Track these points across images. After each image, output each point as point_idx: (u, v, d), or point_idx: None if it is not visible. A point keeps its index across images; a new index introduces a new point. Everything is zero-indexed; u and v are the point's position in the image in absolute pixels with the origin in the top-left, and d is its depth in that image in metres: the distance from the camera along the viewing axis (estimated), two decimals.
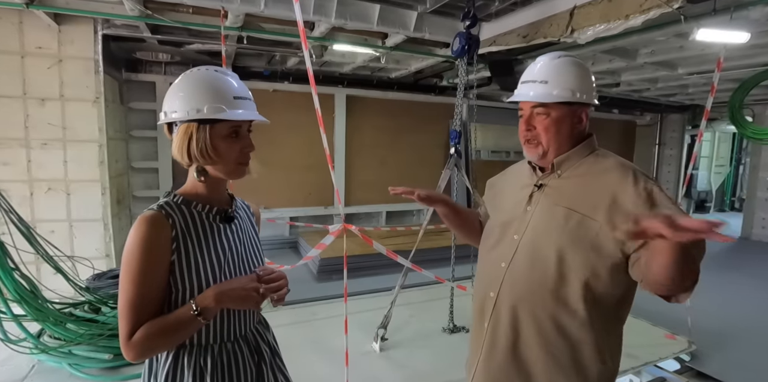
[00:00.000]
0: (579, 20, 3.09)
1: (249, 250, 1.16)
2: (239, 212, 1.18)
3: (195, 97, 1.01)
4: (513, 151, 7.80)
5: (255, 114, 1.07)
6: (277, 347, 1.25)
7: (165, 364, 1.04)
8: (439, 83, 6.81)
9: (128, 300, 0.96)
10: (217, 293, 0.98)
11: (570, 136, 1.20)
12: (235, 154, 1.05)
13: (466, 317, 3.50)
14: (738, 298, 4.69)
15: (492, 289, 1.24)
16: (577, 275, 1.10)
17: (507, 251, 1.22)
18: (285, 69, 5.80)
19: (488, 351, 1.23)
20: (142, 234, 0.97)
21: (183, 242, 1.02)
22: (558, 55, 1.22)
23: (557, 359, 1.14)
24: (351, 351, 2.52)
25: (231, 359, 1.08)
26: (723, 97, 6.23)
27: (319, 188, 6.53)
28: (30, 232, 2.84)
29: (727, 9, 2.93)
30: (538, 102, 1.18)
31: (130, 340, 0.95)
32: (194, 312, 0.96)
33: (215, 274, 1.04)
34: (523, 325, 1.17)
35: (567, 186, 1.19)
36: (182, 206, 1.06)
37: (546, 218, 1.17)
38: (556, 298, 1.12)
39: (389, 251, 2.76)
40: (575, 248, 1.10)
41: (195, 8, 3.60)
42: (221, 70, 1.07)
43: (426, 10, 3.92)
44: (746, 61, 4.61)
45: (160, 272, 0.98)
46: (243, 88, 1.07)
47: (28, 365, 2.76)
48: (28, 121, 3.82)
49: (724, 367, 3.12)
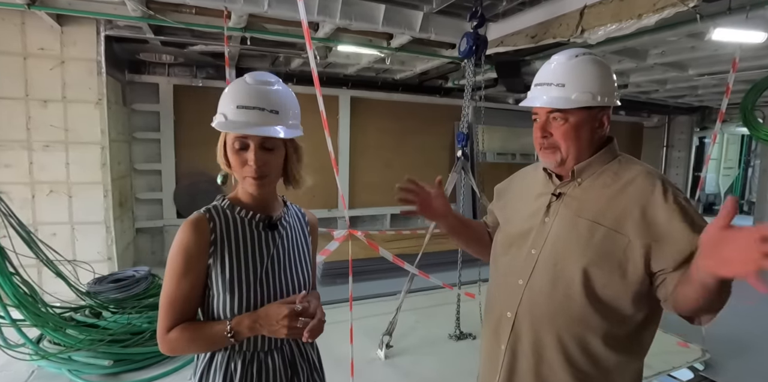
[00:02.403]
0: (589, 20, 3.02)
1: (293, 260, 1.14)
2: (289, 220, 1.17)
3: (221, 102, 1.03)
4: (519, 153, 7.74)
5: (250, 128, 0.98)
6: (319, 364, 1.23)
7: (203, 360, 1.08)
8: (444, 85, 6.74)
9: (167, 297, 1.02)
10: (252, 321, 1.00)
11: (590, 141, 1.11)
12: (238, 165, 1.03)
13: (473, 323, 3.43)
14: (753, 306, 4.56)
15: (509, 309, 1.14)
16: (604, 294, 1.02)
17: (524, 266, 1.12)
18: (289, 70, 5.75)
19: (507, 375, 1.14)
20: (182, 236, 1.02)
21: (221, 246, 1.03)
22: (575, 53, 1.12)
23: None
24: (356, 359, 2.46)
25: (262, 369, 1.07)
26: (734, 99, 6.11)
27: (323, 191, 6.46)
28: (30, 236, 2.80)
29: (742, 8, 2.85)
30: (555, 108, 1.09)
31: (166, 335, 1.02)
32: (227, 333, 0.99)
33: (249, 281, 1.04)
34: (547, 349, 1.08)
35: (589, 196, 1.09)
36: (227, 210, 1.08)
37: (567, 230, 1.08)
38: (581, 320, 1.04)
39: (396, 258, 2.70)
40: (602, 265, 1.02)
41: (198, 9, 3.55)
42: (257, 76, 1.03)
43: (432, 10, 3.86)
44: (758, 62, 4.51)
45: (197, 273, 1.02)
46: (259, 96, 1.00)
47: (27, 371, 2.73)
48: (30, 122, 3.78)
49: (740, 376, 3.03)
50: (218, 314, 1.04)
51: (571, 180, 1.13)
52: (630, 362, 1.08)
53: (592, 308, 1.03)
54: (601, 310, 1.03)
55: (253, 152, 1.01)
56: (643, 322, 1.06)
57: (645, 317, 1.05)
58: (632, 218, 1.01)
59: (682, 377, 2.99)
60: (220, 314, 1.04)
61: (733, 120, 8.09)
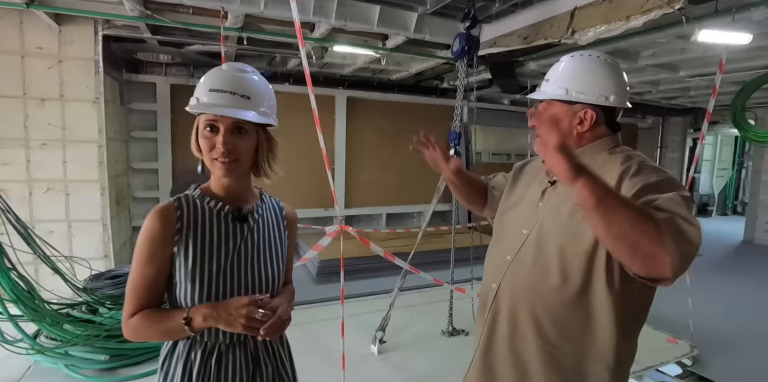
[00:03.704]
0: (580, 21, 3.08)
1: (264, 254, 1.12)
2: (262, 213, 1.15)
3: (196, 88, 1.05)
4: (514, 153, 7.81)
5: (220, 109, 0.99)
6: (289, 360, 1.22)
7: (167, 348, 1.09)
8: (440, 85, 6.80)
9: (131, 283, 1.03)
10: (210, 309, 0.98)
11: (571, 135, 1.18)
12: (206, 148, 1.02)
13: (466, 319, 3.48)
14: (741, 302, 4.65)
15: (494, 280, 1.25)
16: (576, 272, 1.08)
17: (514, 244, 1.22)
18: (285, 70, 5.79)
19: (485, 342, 1.25)
20: (149, 224, 1.02)
21: (186, 235, 1.03)
22: (582, 52, 1.22)
23: (557, 362, 1.12)
24: (349, 354, 2.50)
25: (221, 362, 1.06)
26: (725, 100, 6.20)
27: (319, 190, 6.48)
28: (27, 232, 2.82)
29: (729, 10, 2.91)
30: (535, 99, 1.23)
31: (129, 320, 1.03)
32: (183, 321, 0.98)
33: (212, 272, 1.03)
34: (521, 319, 1.16)
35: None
36: (197, 199, 1.08)
37: (554, 214, 1.16)
38: (556, 296, 1.11)
39: (387, 253, 2.74)
40: (576, 244, 1.08)
41: (195, 9, 3.59)
42: (232, 65, 1.07)
43: (426, 11, 3.91)
44: (748, 63, 4.58)
45: (161, 261, 1.02)
46: (232, 81, 1.02)
47: (24, 365, 2.75)
48: (27, 121, 3.81)
49: (727, 371, 3.09)
50: (181, 302, 1.04)
51: None
52: (606, 347, 1.09)
53: (564, 284, 1.09)
54: (573, 287, 1.08)
55: (222, 135, 1.00)
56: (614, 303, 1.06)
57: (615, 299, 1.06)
58: None
59: (671, 372, 3.04)
60: (182, 302, 1.03)
61: (725, 121, 8.16)
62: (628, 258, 0.87)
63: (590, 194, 0.83)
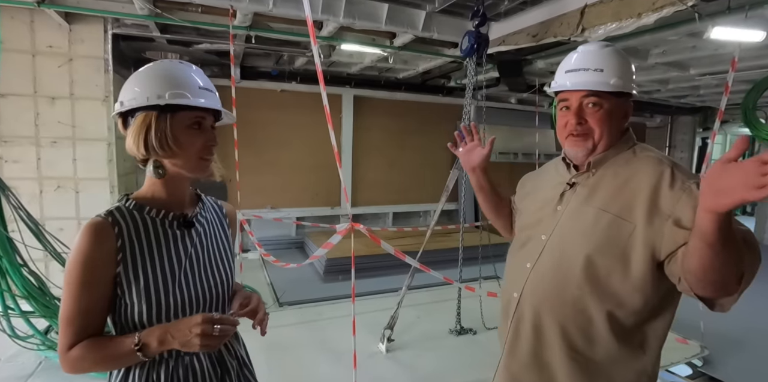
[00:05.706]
0: (590, 19, 3.05)
1: (214, 257, 1.07)
2: (206, 215, 1.10)
3: (156, 83, 0.94)
4: (521, 153, 7.75)
5: (220, 106, 1.01)
6: (248, 358, 1.16)
7: (117, 377, 0.97)
8: (447, 84, 6.77)
9: (65, 312, 0.90)
10: (163, 332, 0.90)
11: (619, 131, 1.12)
12: (197, 146, 0.97)
13: (474, 318, 3.47)
14: (752, 302, 4.55)
15: (515, 289, 1.18)
16: (608, 281, 1.02)
17: (533, 251, 1.16)
18: (293, 69, 5.79)
19: (510, 351, 1.19)
20: (82, 245, 0.90)
21: (131, 252, 0.94)
22: (605, 44, 1.14)
23: (586, 370, 1.07)
24: (357, 352, 2.50)
25: (189, 373, 0.99)
26: (735, 99, 6.13)
27: (325, 189, 6.52)
28: (39, 229, 2.85)
29: (742, 7, 2.88)
30: (590, 90, 1.07)
31: (67, 353, 0.90)
32: (135, 347, 0.89)
33: (168, 286, 0.96)
34: (546, 329, 1.11)
35: (600, 185, 1.11)
36: (134, 211, 0.98)
37: (575, 218, 1.11)
38: (577, 304, 1.05)
39: (397, 251, 2.74)
40: (604, 252, 1.02)
41: (204, 7, 3.61)
42: (186, 63, 1.02)
43: (435, 9, 3.90)
44: (760, 61, 4.52)
45: (102, 284, 0.91)
46: (208, 81, 1.01)
47: (35, 361, 2.77)
48: (38, 119, 3.85)
49: (738, 372, 3.05)
50: (134, 324, 0.94)
51: (587, 170, 1.14)
52: (635, 357, 1.06)
53: (591, 293, 1.04)
54: (600, 296, 1.03)
55: (208, 132, 0.99)
56: (650, 315, 1.05)
57: (652, 310, 1.04)
58: (639, 205, 1.01)
59: (681, 372, 3.02)
60: (137, 324, 0.94)
61: (735, 120, 8.07)
62: (709, 285, 0.87)
63: (717, 231, 0.76)
